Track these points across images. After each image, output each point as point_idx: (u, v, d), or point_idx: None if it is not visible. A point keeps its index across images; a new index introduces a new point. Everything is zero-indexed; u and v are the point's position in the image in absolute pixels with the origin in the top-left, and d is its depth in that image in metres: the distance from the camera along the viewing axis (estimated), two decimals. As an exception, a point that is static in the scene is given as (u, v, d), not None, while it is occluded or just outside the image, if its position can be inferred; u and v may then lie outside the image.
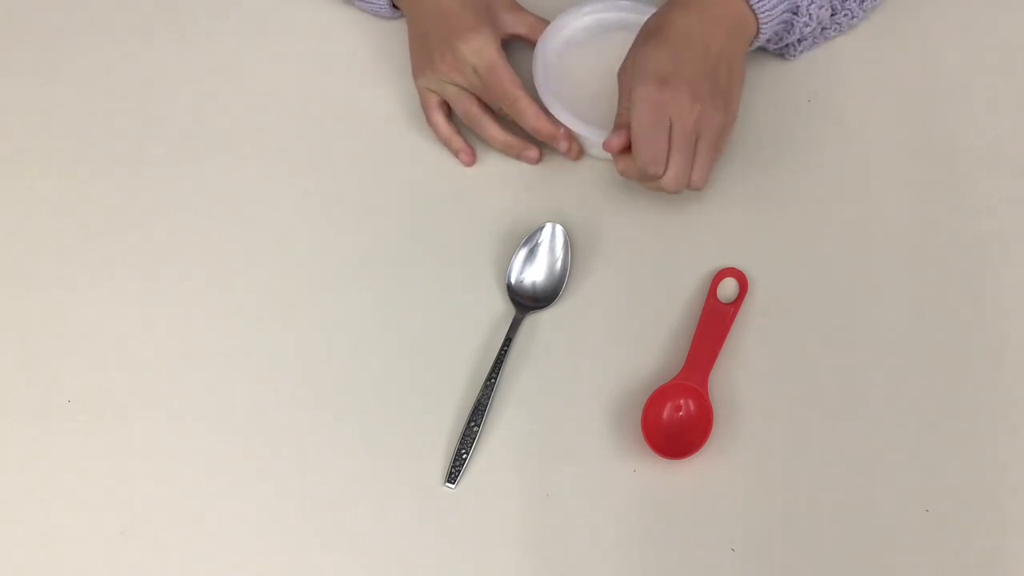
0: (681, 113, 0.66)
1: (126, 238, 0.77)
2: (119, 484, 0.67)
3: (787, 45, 0.80)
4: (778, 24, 0.74)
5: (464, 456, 0.66)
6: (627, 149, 0.69)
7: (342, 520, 0.65)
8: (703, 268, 0.73)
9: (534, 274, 0.73)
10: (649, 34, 0.70)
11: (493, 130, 0.77)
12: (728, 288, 0.72)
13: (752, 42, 0.73)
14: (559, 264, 0.73)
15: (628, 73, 0.69)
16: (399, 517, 0.65)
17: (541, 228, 0.74)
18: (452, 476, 0.66)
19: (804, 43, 0.80)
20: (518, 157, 0.78)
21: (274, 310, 0.73)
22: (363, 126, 0.81)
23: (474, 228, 0.76)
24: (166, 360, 0.71)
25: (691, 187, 0.70)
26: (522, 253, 0.73)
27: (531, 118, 0.74)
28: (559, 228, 0.74)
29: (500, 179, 0.78)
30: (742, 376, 0.69)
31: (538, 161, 0.78)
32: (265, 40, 0.86)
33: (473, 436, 0.67)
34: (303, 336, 0.72)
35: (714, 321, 0.70)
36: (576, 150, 0.77)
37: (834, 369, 0.69)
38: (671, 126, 0.67)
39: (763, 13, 0.71)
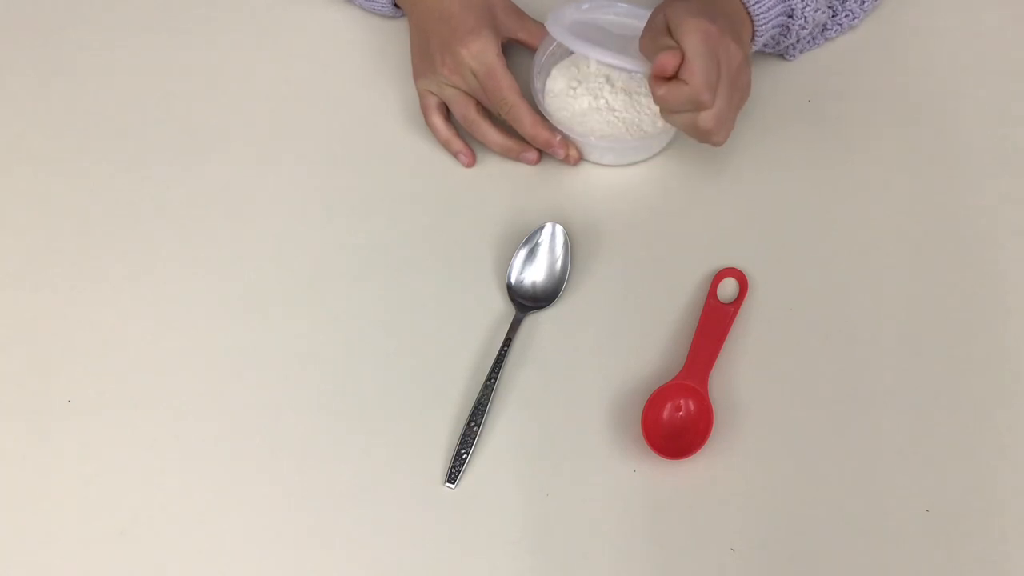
0: (728, 54, 0.65)
1: (126, 238, 0.77)
2: (119, 484, 0.67)
3: (786, 47, 0.80)
4: (774, 28, 0.74)
5: (464, 456, 0.66)
6: (670, 78, 0.66)
7: (342, 520, 0.65)
8: (703, 268, 0.73)
9: (534, 274, 0.73)
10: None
11: (491, 133, 0.77)
12: (728, 288, 0.72)
13: (750, 44, 0.73)
14: (559, 264, 0.73)
15: (657, 21, 0.67)
16: (399, 517, 0.65)
17: (541, 228, 0.74)
18: (452, 476, 0.66)
19: (803, 43, 0.80)
20: (517, 159, 0.78)
21: (274, 310, 0.73)
22: (363, 126, 0.81)
23: (474, 228, 0.76)
24: (166, 360, 0.71)
25: (715, 138, 0.68)
26: (522, 253, 0.73)
27: (528, 125, 0.74)
28: (559, 228, 0.74)
29: (500, 179, 0.78)
30: (742, 376, 0.69)
31: (537, 162, 0.78)
32: (265, 39, 0.86)
33: (473, 436, 0.67)
34: (303, 336, 0.72)
35: (714, 321, 0.70)
36: (574, 156, 0.77)
37: (834, 369, 0.69)
38: (719, 63, 0.65)
39: (759, 15, 0.71)
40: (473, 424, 0.67)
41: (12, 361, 0.72)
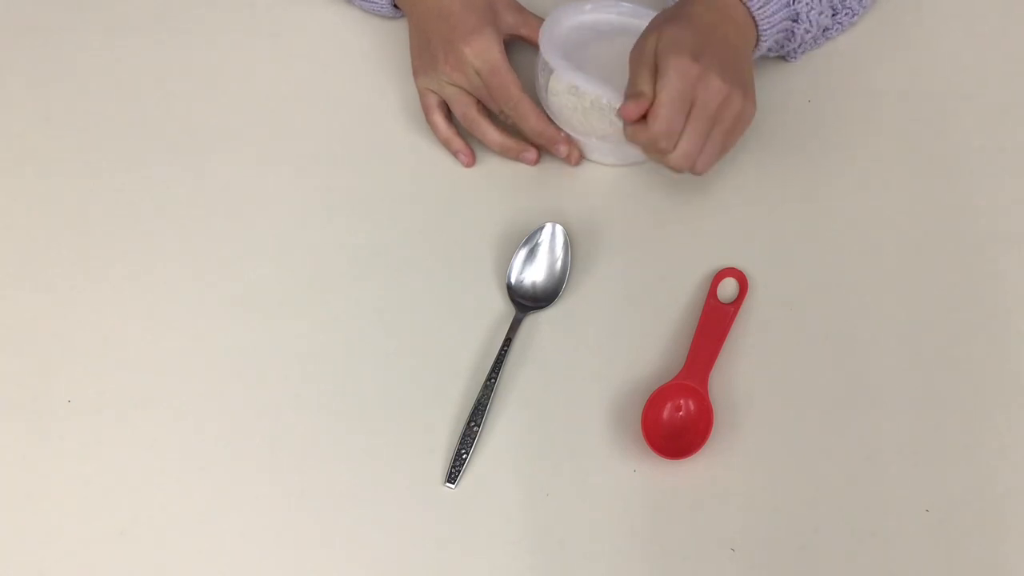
0: (708, 93, 0.65)
1: (126, 237, 0.77)
2: (119, 484, 0.67)
3: (790, 50, 0.80)
4: (779, 32, 0.75)
5: (464, 456, 0.66)
6: (643, 118, 0.67)
7: (342, 520, 0.65)
8: (703, 268, 0.73)
9: (534, 274, 0.73)
10: (670, 18, 0.69)
11: (491, 132, 0.77)
12: (728, 288, 0.72)
13: (755, 49, 0.74)
14: (559, 264, 0.73)
15: (647, 49, 0.67)
16: (399, 517, 0.65)
17: (541, 228, 0.74)
18: (452, 476, 0.66)
19: (805, 45, 0.81)
20: (516, 158, 0.78)
21: (274, 310, 0.73)
22: (363, 126, 0.81)
23: (474, 228, 0.76)
24: (166, 360, 0.71)
25: (694, 171, 0.69)
26: (522, 253, 0.73)
27: (533, 120, 0.74)
28: (559, 228, 0.74)
29: (500, 179, 0.78)
30: (742, 376, 0.69)
31: (536, 162, 0.78)
32: (266, 39, 0.86)
33: (473, 436, 0.67)
34: (303, 336, 0.72)
35: (714, 321, 0.70)
36: (576, 155, 0.77)
37: (834, 369, 0.69)
38: (693, 103, 0.66)
39: (763, 20, 0.72)
40: (473, 424, 0.67)
41: (12, 361, 0.72)
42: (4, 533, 0.66)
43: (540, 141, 0.76)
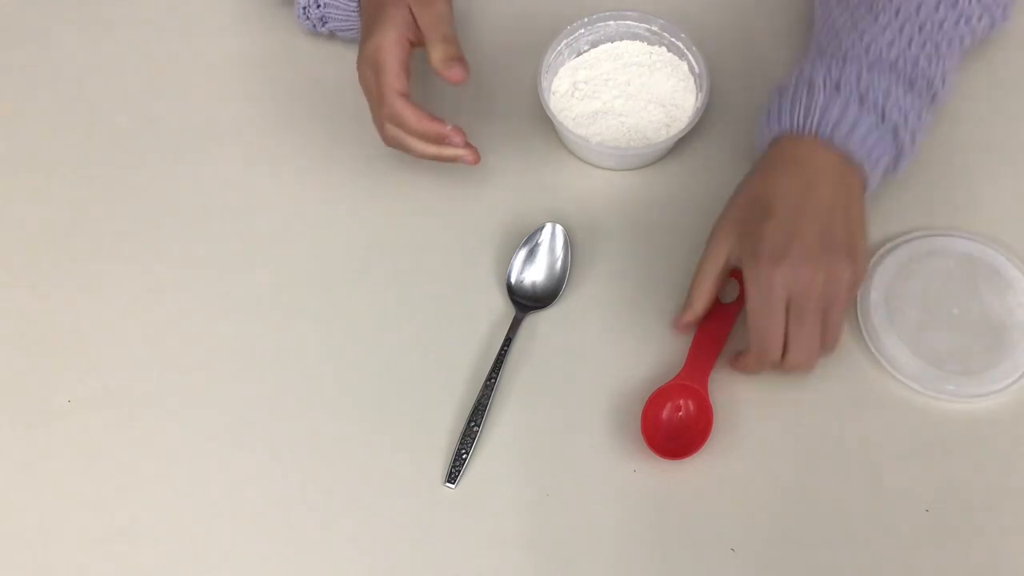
0: (800, 289, 0.60)
1: (125, 237, 0.77)
2: (119, 484, 0.67)
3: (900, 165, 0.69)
4: (884, 155, 0.66)
5: (464, 456, 0.66)
6: (691, 326, 0.67)
7: (342, 520, 0.65)
8: (703, 268, 0.73)
9: (534, 274, 0.73)
10: (752, 203, 0.65)
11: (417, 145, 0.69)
12: (728, 288, 0.72)
13: (866, 185, 0.66)
14: (559, 264, 0.73)
15: (728, 239, 0.65)
16: (399, 517, 0.65)
17: (541, 228, 0.74)
18: (452, 476, 0.66)
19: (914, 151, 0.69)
20: (454, 159, 0.69)
21: (273, 310, 0.73)
22: (363, 126, 0.81)
23: (474, 228, 0.76)
24: (166, 360, 0.71)
25: (824, 354, 0.64)
26: (522, 253, 0.73)
27: (412, 121, 0.67)
28: (559, 228, 0.74)
29: (500, 179, 0.78)
30: (742, 376, 0.69)
31: (476, 161, 0.70)
32: (266, 39, 0.86)
33: (473, 436, 0.67)
34: (303, 336, 0.72)
35: (714, 321, 0.70)
36: (473, 155, 0.69)
37: (834, 368, 0.69)
38: (789, 304, 0.61)
39: (859, 149, 0.64)
40: (473, 424, 0.67)
41: (12, 361, 0.72)
42: (4, 533, 0.66)
43: (428, 141, 0.68)
